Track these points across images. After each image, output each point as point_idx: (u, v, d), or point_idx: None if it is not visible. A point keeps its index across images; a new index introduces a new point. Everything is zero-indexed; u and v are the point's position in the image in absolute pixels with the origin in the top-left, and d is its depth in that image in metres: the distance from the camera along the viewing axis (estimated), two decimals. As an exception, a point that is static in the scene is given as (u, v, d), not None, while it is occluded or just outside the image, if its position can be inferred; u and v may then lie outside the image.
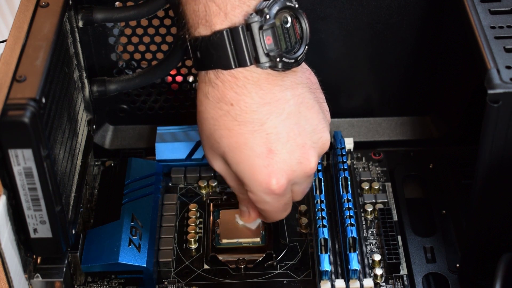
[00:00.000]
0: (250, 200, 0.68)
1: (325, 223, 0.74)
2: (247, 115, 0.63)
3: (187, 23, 0.64)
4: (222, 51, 0.62)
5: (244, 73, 0.62)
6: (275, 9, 0.62)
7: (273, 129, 0.63)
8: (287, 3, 0.63)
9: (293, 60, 0.63)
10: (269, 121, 0.63)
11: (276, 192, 0.64)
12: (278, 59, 0.62)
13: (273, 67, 0.62)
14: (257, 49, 0.62)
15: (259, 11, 0.62)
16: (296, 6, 0.64)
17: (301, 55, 0.64)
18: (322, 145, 0.66)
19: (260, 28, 0.61)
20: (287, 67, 0.63)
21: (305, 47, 0.65)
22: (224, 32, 0.61)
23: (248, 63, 0.62)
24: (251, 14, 0.61)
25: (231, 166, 0.65)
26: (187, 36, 0.64)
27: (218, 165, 0.67)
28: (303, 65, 0.67)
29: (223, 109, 0.63)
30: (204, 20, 0.62)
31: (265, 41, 0.62)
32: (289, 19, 0.64)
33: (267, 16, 0.61)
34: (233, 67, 0.62)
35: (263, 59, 0.62)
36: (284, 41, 0.63)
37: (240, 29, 0.61)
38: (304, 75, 0.66)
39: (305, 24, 0.65)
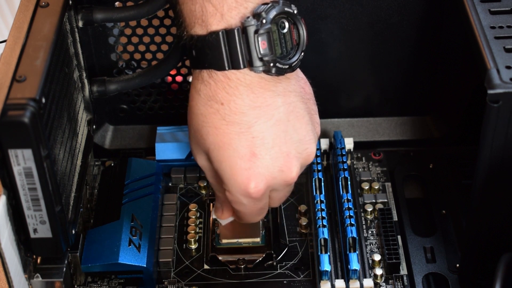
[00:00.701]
0: (226, 198, 0.68)
1: (325, 223, 0.74)
2: (236, 116, 0.62)
3: (183, 22, 0.64)
4: (217, 51, 0.62)
5: (237, 75, 0.62)
6: (272, 13, 0.62)
7: (259, 133, 0.63)
8: (286, 9, 0.63)
9: (287, 66, 0.63)
10: (257, 125, 0.63)
11: (253, 196, 0.64)
12: (272, 64, 0.62)
13: (267, 71, 0.62)
14: (251, 52, 0.62)
15: (256, 15, 0.61)
16: (295, 12, 0.64)
17: (296, 61, 0.64)
18: (307, 156, 0.66)
19: (256, 32, 0.61)
20: (280, 72, 0.63)
21: (301, 53, 0.64)
22: (220, 33, 0.61)
23: (242, 66, 0.62)
24: (248, 17, 0.61)
25: (213, 164, 0.65)
26: (184, 34, 0.64)
27: (201, 160, 0.67)
28: (299, 73, 0.67)
29: (213, 107, 0.63)
30: (201, 20, 0.62)
31: (260, 46, 0.61)
32: (287, 24, 0.63)
33: (264, 21, 0.61)
34: (227, 68, 0.62)
35: (256, 63, 0.62)
36: (280, 46, 0.63)
37: (235, 31, 0.61)
38: (298, 83, 0.66)
39: (302, 31, 0.65)
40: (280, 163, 0.64)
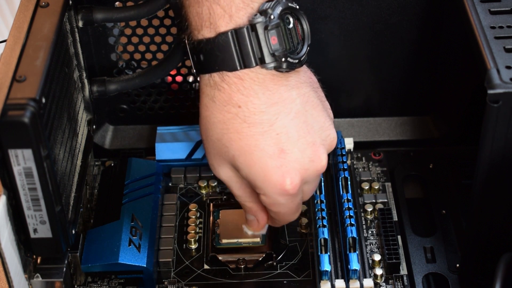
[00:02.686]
0: (258, 206, 0.68)
1: (325, 223, 0.74)
2: (256, 116, 0.62)
3: (189, 25, 0.64)
4: (227, 52, 0.62)
5: (249, 74, 0.62)
6: (278, 9, 0.62)
7: (282, 128, 0.63)
8: (289, 4, 0.63)
9: (297, 60, 0.64)
10: (278, 121, 0.63)
11: (291, 192, 0.64)
12: (283, 59, 0.62)
13: (278, 67, 0.62)
14: (262, 49, 0.62)
15: (262, 12, 0.62)
16: (297, 7, 0.64)
17: (304, 56, 0.64)
18: (331, 142, 0.66)
19: (266, 28, 0.61)
20: (291, 67, 0.63)
21: (307, 47, 0.65)
22: (229, 33, 0.61)
23: (254, 64, 0.62)
24: (255, 14, 0.61)
25: (242, 171, 0.64)
26: (189, 39, 0.64)
27: (224, 173, 0.66)
28: (304, 65, 0.67)
29: (231, 112, 0.63)
30: (208, 22, 0.62)
31: (271, 41, 0.62)
32: (291, 20, 0.64)
33: (272, 16, 0.62)
34: (238, 68, 0.62)
35: (268, 59, 0.62)
36: (288, 42, 0.63)
37: (245, 29, 0.61)
38: (307, 74, 0.66)
39: (306, 25, 0.65)
40: (309, 153, 0.64)
